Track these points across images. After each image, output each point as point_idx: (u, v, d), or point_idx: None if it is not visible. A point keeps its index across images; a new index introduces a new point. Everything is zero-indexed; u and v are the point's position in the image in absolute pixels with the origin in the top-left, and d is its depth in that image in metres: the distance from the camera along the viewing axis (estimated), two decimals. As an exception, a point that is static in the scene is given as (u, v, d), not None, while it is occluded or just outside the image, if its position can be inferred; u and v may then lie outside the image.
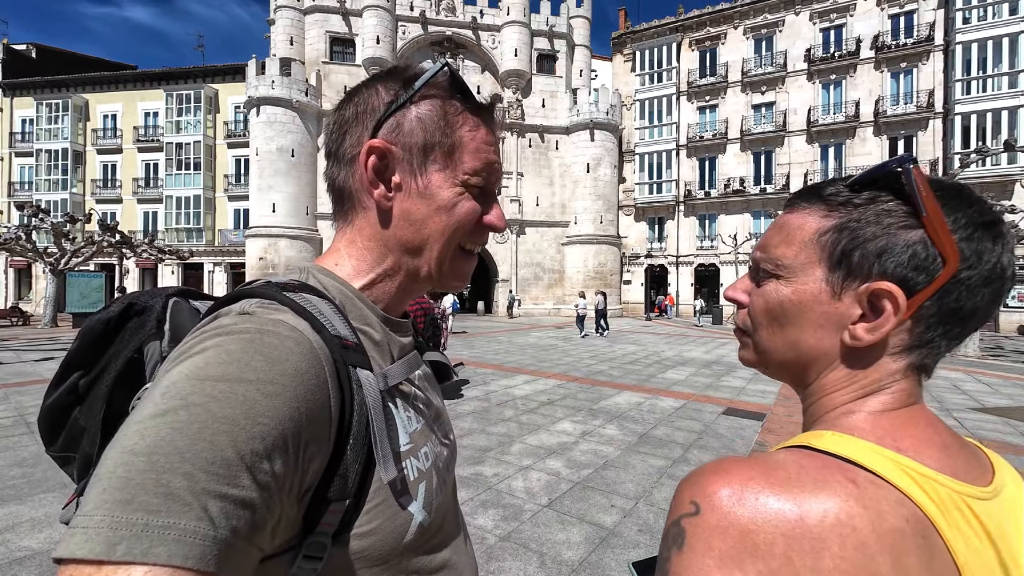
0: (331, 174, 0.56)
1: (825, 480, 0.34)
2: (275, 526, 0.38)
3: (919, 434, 0.39)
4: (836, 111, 23.46)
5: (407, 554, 0.50)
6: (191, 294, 0.57)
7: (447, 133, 0.53)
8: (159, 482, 0.31)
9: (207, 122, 27.51)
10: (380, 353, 0.53)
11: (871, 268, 0.39)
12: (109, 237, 17.54)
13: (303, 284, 0.50)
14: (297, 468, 0.39)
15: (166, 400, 0.35)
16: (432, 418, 0.59)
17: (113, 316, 0.51)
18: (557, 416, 5.84)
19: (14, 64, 30.00)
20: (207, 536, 0.32)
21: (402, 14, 24.42)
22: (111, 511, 0.30)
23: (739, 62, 25.33)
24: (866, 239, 0.39)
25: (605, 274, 25.48)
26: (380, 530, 0.46)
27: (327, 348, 0.44)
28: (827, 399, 0.43)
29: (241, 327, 0.41)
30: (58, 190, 28.04)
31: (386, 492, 0.47)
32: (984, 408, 6.63)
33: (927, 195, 0.38)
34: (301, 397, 0.39)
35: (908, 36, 22.23)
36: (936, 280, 0.37)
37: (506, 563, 2.68)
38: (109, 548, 0.29)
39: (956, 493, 0.36)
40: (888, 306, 0.38)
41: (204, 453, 0.33)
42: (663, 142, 26.51)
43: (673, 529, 0.36)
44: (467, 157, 0.54)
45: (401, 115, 0.52)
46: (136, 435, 0.33)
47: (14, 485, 3.67)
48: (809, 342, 0.43)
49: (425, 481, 0.53)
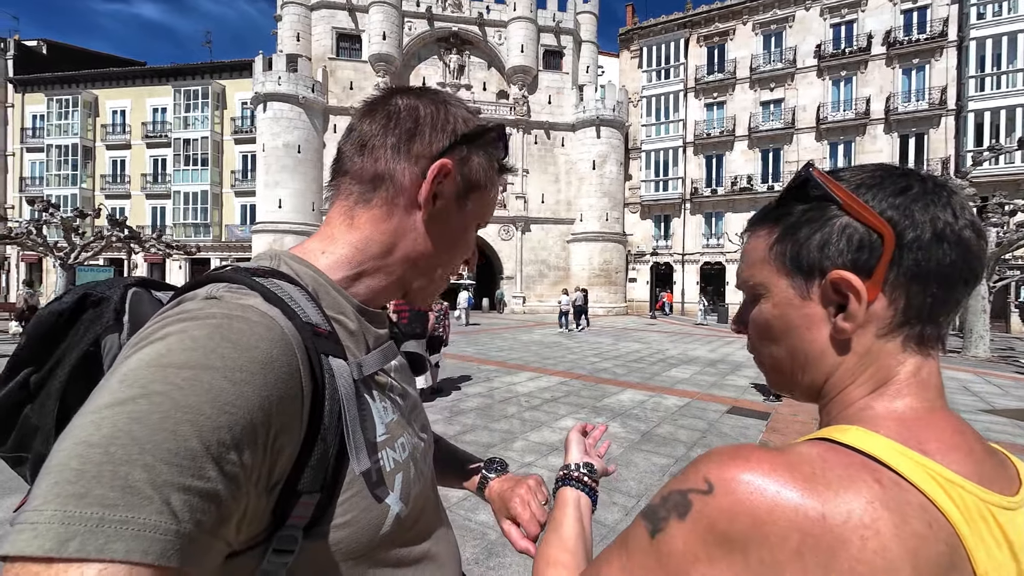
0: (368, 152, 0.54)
1: (851, 478, 0.34)
2: (240, 520, 0.37)
3: (946, 438, 0.38)
4: (846, 108, 23.16)
5: (384, 546, 0.49)
6: (152, 284, 0.54)
7: (491, 183, 0.59)
8: (116, 474, 0.30)
9: (214, 118, 27.67)
10: (355, 342, 0.51)
11: (822, 262, 0.41)
12: (118, 232, 17.69)
13: (273, 270, 0.48)
14: (266, 459, 0.37)
15: (124, 388, 0.33)
16: (408, 409, 0.58)
17: (66, 308, 0.49)
18: (560, 413, 5.82)
19: (25, 60, 30.30)
20: (169, 530, 0.30)
21: (408, 10, 24.37)
22: (63, 505, 0.28)
23: (747, 58, 25.05)
24: (804, 238, 0.42)
25: (610, 272, 25.39)
26: (355, 522, 0.45)
27: (299, 335, 0.42)
28: (842, 395, 0.43)
29: (207, 312, 0.39)
30: (68, 185, 28.35)
31: (360, 483, 0.46)
32: (994, 410, 6.54)
33: (834, 185, 0.41)
34: (271, 385, 0.37)
35: (921, 32, 21.86)
36: (883, 252, 0.39)
37: (506, 559, 2.67)
38: (60, 544, 0.28)
39: (982, 501, 0.35)
40: (850, 291, 0.40)
41: (166, 444, 0.31)
42: (670, 139, 26.32)
43: (679, 496, 0.36)
44: (488, 208, 0.61)
45: (472, 150, 0.56)
46: (91, 425, 0.31)
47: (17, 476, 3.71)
48: (803, 346, 0.44)
49: (402, 472, 0.52)
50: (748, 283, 0.48)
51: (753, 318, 0.48)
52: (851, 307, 0.40)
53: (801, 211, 0.43)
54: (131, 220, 22.55)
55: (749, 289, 0.48)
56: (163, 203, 28.51)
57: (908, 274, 0.39)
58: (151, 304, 0.51)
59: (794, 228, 0.43)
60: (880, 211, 0.40)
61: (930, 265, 0.39)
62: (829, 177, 0.42)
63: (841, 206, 0.41)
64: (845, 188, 0.41)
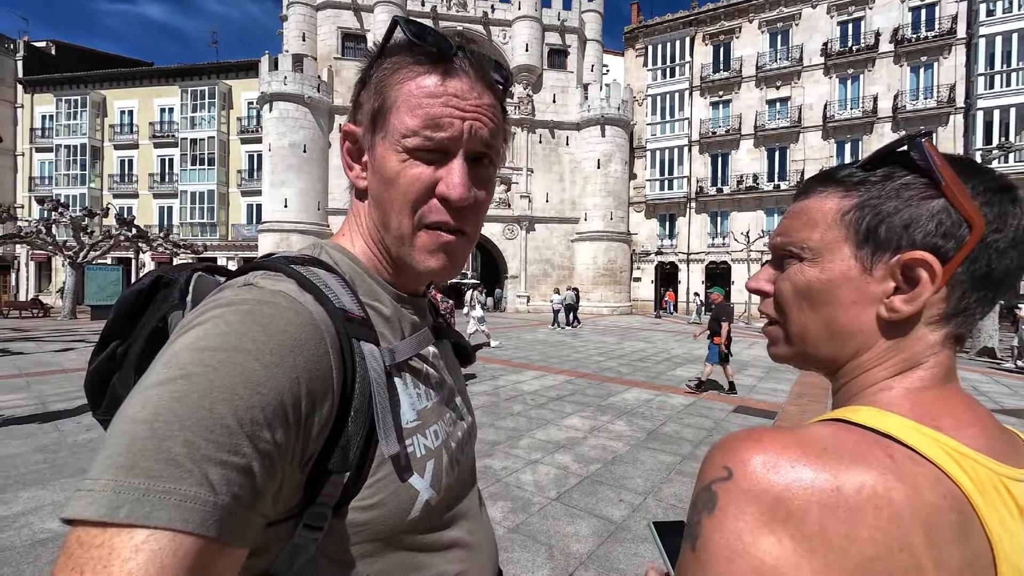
0: None
1: (862, 453, 0.34)
2: (277, 493, 0.38)
3: (959, 414, 0.38)
4: (853, 106, 22.99)
5: (413, 530, 0.49)
6: (215, 269, 0.58)
7: (382, 93, 0.49)
8: (160, 448, 0.32)
9: (221, 118, 27.82)
10: (390, 329, 0.53)
11: (900, 240, 0.39)
12: (126, 231, 17.87)
13: (313, 259, 0.51)
14: (298, 437, 0.39)
15: (167, 370, 0.36)
16: (446, 397, 0.59)
17: (144, 287, 0.53)
18: (566, 411, 5.84)
19: (34, 61, 30.58)
20: (207, 502, 0.32)
21: (413, 9, 24.39)
22: (115, 475, 0.31)
23: (754, 56, 24.91)
24: (890, 213, 0.40)
25: (615, 271, 25.34)
26: (383, 504, 0.46)
27: (330, 320, 0.44)
28: (865, 376, 0.42)
29: (241, 298, 0.41)
30: (77, 185, 28.61)
31: (389, 467, 0.47)
32: (1003, 409, 6.50)
33: (943, 164, 0.38)
34: (300, 367, 0.39)
35: (929, 29, 21.66)
36: (965, 245, 0.38)
37: (515, 554, 2.69)
38: (112, 511, 0.30)
39: (995, 473, 0.35)
40: (924, 275, 0.38)
41: (204, 421, 0.33)
42: (675, 138, 26.22)
43: (704, 494, 0.36)
44: (404, 115, 0.48)
45: (363, 91, 0.52)
46: (138, 404, 0.34)
47: (37, 470, 3.78)
48: (842, 320, 0.42)
49: (434, 459, 0.52)
50: (798, 243, 0.45)
51: (791, 279, 0.45)
52: (918, 290, 0.39)
53: (891, 183, 0.40)
54: (139, 219, 22.76)
55: (795, 249, 0.45)
56: (170, 202, 28.70)
57: (977, 272, 0.38)
58: (214, 285, 0.55)
59: (880, 199, 0.40)
60: (979, 204, 0.38)
61: (999, 268, 0.38)
62: (940, 154, 0.39)
63: (941, 187, 0.38)
64: (952, 170, 0.39)
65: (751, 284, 0.50)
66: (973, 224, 0.37)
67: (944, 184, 0.38)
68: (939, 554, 0.32)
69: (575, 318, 18.05)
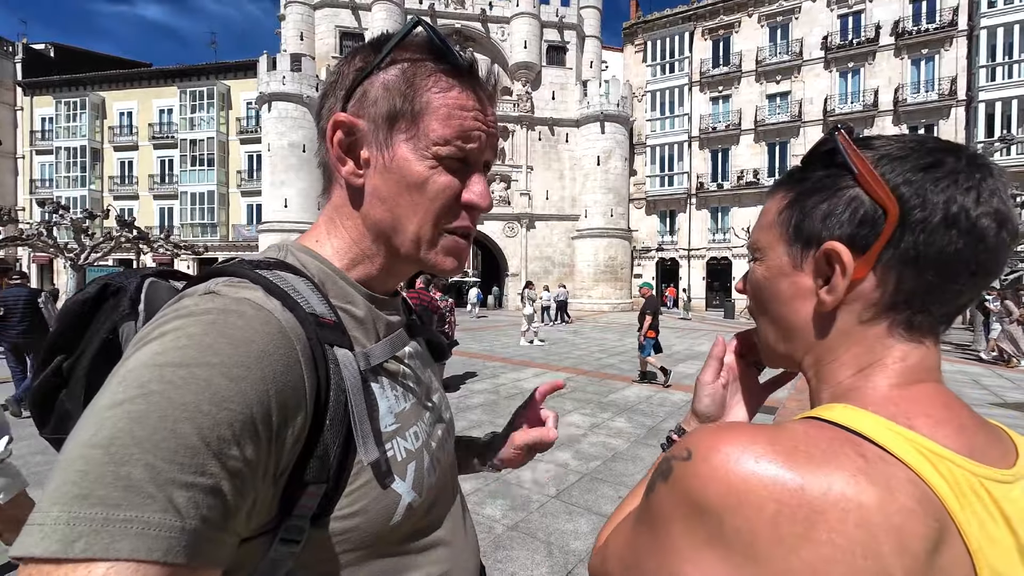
0: (318, 149, 0.54)
1: (834, 452, 0.33)
2: (250, 510, 0.37)
3: (935, 412, 0.37)
4: (854, 100, 22.86)
5: (396, 534, 0.49)
6: (170, 274, 0.56)
7: (411, 97, 0.48)
8: (118, 474, 0.30)
9: (220, 118, 27.80)
10: (363, 331, 0.51)
11: (820, 233, 0.40)
12: (127, 233, 17.88)
13: (279, 262, 0.49)
14: (271, 452, 0.37)
15: (123, 389, 0.33)
16: (423, 397, 0.58)
17: (89, 297, 0.50)
18: (566, 408, 5.84)
19: (33, 64, 30.57)
20: (174, 528, 0.30)
21: (411, 7, 24.32)
22: (68, 506, 0.29)
23: (753, 51, 24.78)
24: (812, 207, 0.41)
25: (615, 268, 25.30)
26: (365, 511, 0.45)
27: (300, 327, 0.42)
28: (825, 372, 0.43)
29: (203, 307, 0.39)
30: (77, 187, 28.62)
31: (369, 473, 0.45)
32: (1004, 403, 6.48)
33: (853, 153, 0.39)
34: (270, 379, 0.37)
35: (930, 21, 21.49)
36: (884, 230, 0.37)
37: (513, 552, 2.69)
38: (66, 545, 0.28)
39: (973, 475, 0.34)
40: (836, 264, 0.39)
41: (166, 443, 0.31)
42: (675, 134, 26.12)
43: (663, 464, 0.38)
44: (436, 124, 0.48)
45: (368, 83, 0.49)
46: (92, 427, 0.32)
47: (37, 472, 3.79)
48: (788, 317, 0.44)
49: (415, 461, 0.51)
50: (752, 244, 0.48)
51: (749, 279, 0.48)
52: (833, 280, 0.39)
53: (817, 177, 0.41)
54: (139, 221, 22.74)
55: (752, 250, 0.48)
56: (170, 203, 28.70)
57: (904, 257, 0.37)
58: (168, 292, 0.53)
59: (805, 195, 0.42)
60: (894, 186, 0.37)
61: (930, 251, 0.37)
62: (852, 144, 0.40)
63: (855, 176, 0.39)
64: (865, 158, 0.39)
65: (738, 285, 0.53)
66: (887, 208, 0.37)
67: (858, 172, 0.38)
68: (912, 563, 0.30)
69: (559, 315, 18.85)
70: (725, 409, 0.57)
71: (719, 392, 0.57)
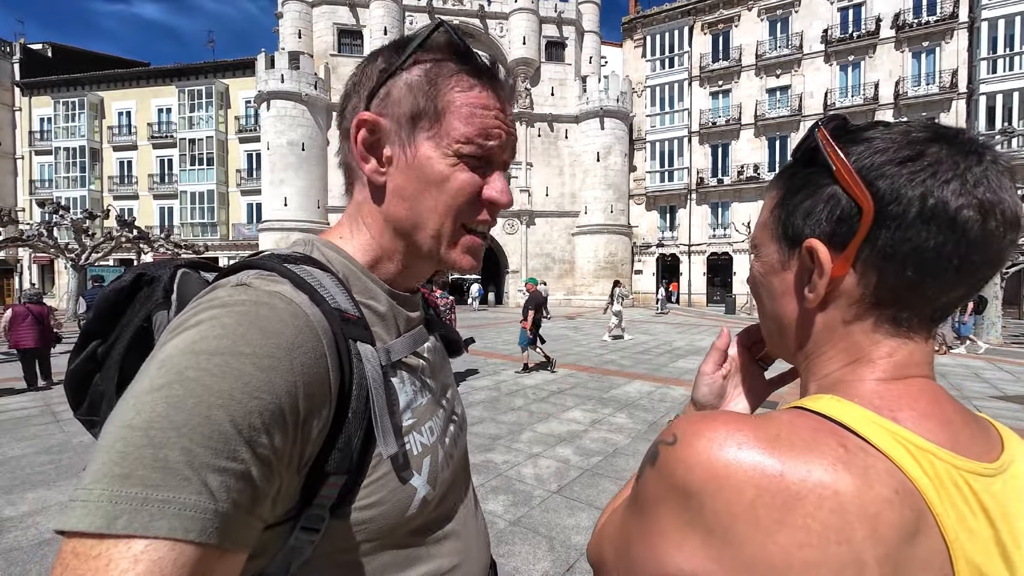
0: (340, 149, 0.55)
1: (815, 441, 0.34)
2: (275, 497, 0.38)
3: (920, 406, 0.38)
4: (854, 94, 22.80)
5: (410, 526, 0.50)
6: (201, 265, 0.57)
7: (434, 97, 0.49)
8: (157, 457, 0.31)
9: (219, 117, 27.76)
10: (385, 327, 0.53)
11: (802, 231, 0.41)
12: (127, 232, 17.90)
13: (306, 257, 0.50)
14: (296, 441, 0.39)
15: (161, 374, 0.35)
16: (439, 392, 0.59)
17: (125, 286, 0.52)
18: (567, 405, 5.86)
19: (31, 64, 30.53)
20: (207, 510, 0.32)
21: (409, 4, 24.24)
22: (110, 485, 0.30)
23: (753, 45, 24.68)
24: (796, 205, 0.41)
25: (616, 264, 25.28)
26: (382, 503, 0.46)
27: (326, 321, 0.43)
28: (813, 366, 0.43)
29: (236, 299, 0.40)
30: (77, 187, 28.63)
31: (387, 466, 0.47)
32: (1005, 396, 6.49)
33: (831, 149, 0.39)
34: (298, 371, 0.39)
35: (931, 13, 21.39)
36: (860, 228, 0.37)
37: (515, 547, 2.71)
38: (109, 522, 0.29)
39: (955, 468, 0.34)
40: (814, 263, 0.39)
41: (201, 428, 0.33)
42: (675, 129, 26.05)
43: (652, 449, 0.39)
44: (458, 122, 0.49)
45: (392, 83, 0.50)
46: (132, 409, 0.33)
47: (43, 471, 3.82)
48: (781, 312, 0.45)
49: (430, 455, 0.53)
50: (751, 240, 0.49)
51: (750, 273, 0.50)
52: (812, 278, 0.40)
53: (802, 175, 0.42)
54: (139, 220, 22.77)
55: (751, 247, 0.49)
56: (170, 203, 28.71)
57: (882, 254, 0.37)
58: (198, 283, 0.54)
59: (791, 192, 0.42)
60: (870, 181, 0.37)
61: (904, 247, 0.36)
62: (831, 140, 0.39)
63: (832, 173, 0.38)
64: (849, 152, 0.38)
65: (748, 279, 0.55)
66: (861, 205, 0.37)
67: (835, 169, 0.38)
68: (885, 551, 0.31)
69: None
70: (724, 400, 0.57)
71: (718, 383, 0.57)
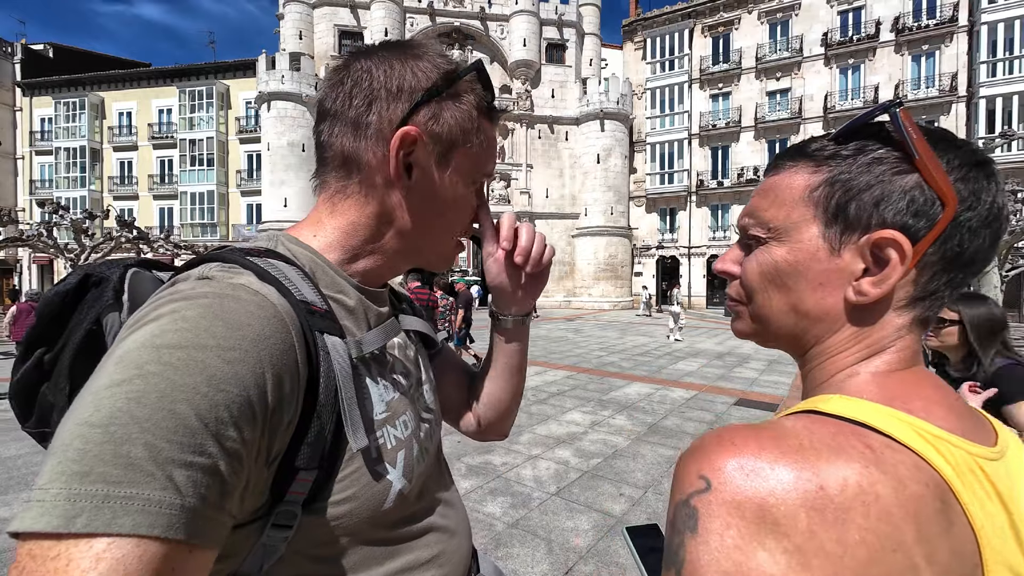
0: (335, 137, 0.51)
1: (840, 446, 0.32)
2: (243, 492, 0.37)
3: (927, 395, 0.37)
4: (854, 96, 22.83)
5: (388, 520, 0.49)
6: (154, 264, 0.55)
7: (477, 136, 0.54)
8: (118, 453, 0.30)
9: (219, 118, 27.76)
10: (354, 321, 0.52)
11: (869, 219, 0.37)
12: (127, 233, 17.88)
13: (269, 250, 0.49)
14: (264, 434, 0.38)
15: (120, 370, 0.33)
16: (413, 386, 0.59)
17: (70, 288, 0.50)
18: (566, 407, 5.83)
19: (32, 64, 30.53)
20: (173, 504, 0.31)
21: (410, 6, 24.28)
22: (68, 483, 0.29)
23: (753, 48, 24.72)
24: (860, 189, 0.37)
25: (616, 266, 25.29)
26: (356, 497, 0.46)
27: (293, 313, 0.42)
28: (831, 362, 0.41)
29: (199, 291, 0.39)
30: (77, 187, 28.60)
31: (360, 460, 0.46)
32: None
33: (918, 137, 0.36)
34: (265, 363, 0.38)
35: (931, 17, 21.42)
36: (938, 224, 0.35)
37: (514, 549, 2.69)
38: (67, 520, 0.28)
39: (969, 455, 0.34)
40: (893, 255, 0.36)
41: (165, 422, 0.32)
42: (675, 131, 26.07)
43: (683, 510, 0.32)
44: (486, 159, 0.56)
45: (437, 106, 0.51)
46: (91, 406, 0.32)
47: (38, 472, 3.79)
48: (808, 303, 0.40)
49: (404, 449, 0.52)
50: (765, 223, 0.42)
51: (758, 260, 0.43)
52: (887, 272, 0.37)
53: (862, 156, 0.38)
54: (139, 221, 22.76)
55: (762, 230, 0.42)
56: (170, 204, 28.68)
57: (948, 253, 0.36)
58: (152, 283, 0.52)
59: (851, 175, 0.38)
60: (953, 180, 0.35)
61: (970, 249, 0.36)
62: (916, 125, 0.36)
63: (915, 161, 0.36)
64: (928, 143, 0.36)
65: (718, 265, 0.47)
66: (946, 202, 0.35)
67: (918, 158, 0.36)
68: (929, 548, 0.30)
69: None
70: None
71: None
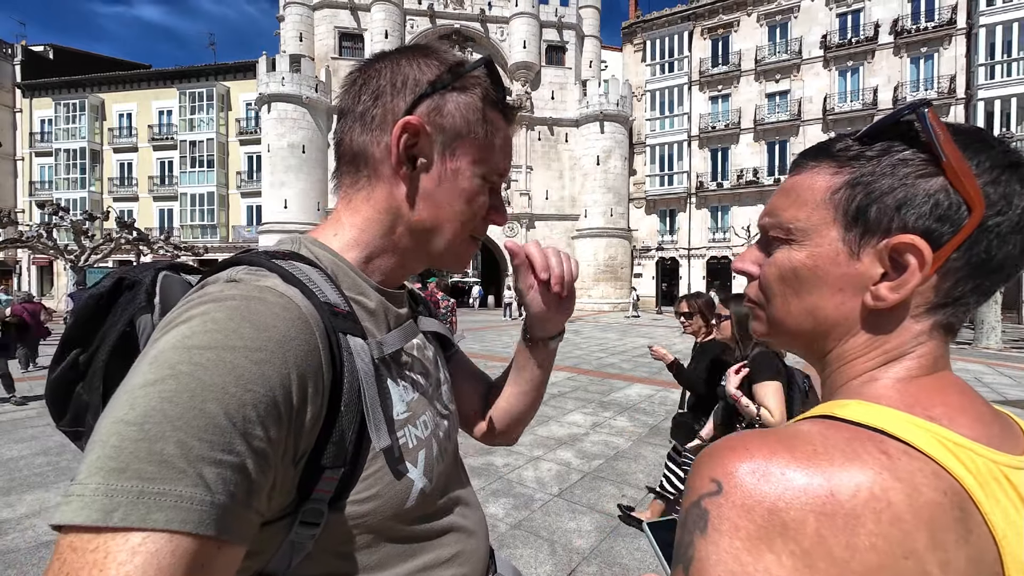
0: (346, 134, 0.54)
1: (855, 452, 0.32)
2: (271, 490, 0.38)
3: (951, 401, 0.36)
4: (853, 99, 22.86)
5: (410, 519, 0.50)
6: (183, 268, 0.56)
7: (487, 130, 0.54)
8: (152, 450, 0.31)
9: (220, 120, 27.78)
10: (375, 322, 0.53)
11: (891, 223, 0.36)
12: (127, 234, 17.89)
13: (293, 253, 0.50)
14: (290, 433, 0.39)
15: (154, 370, 0.35)
16: (432, 387, 0.60)
17: (104, 291, 0.51)
18: (568, 408, 5.84)
19: (32, 65, 30.56)
20: (204, 501, 0.32)
21: (410, 8, 24.34)
22: (106, 479, 0.30)
23: (752, 50, 24.78)
24: (883, 192, 0.36)
25: (615, 267, 25.31)
26: (380, 496, 0.46)
27: (317, 314, 0.43)
28: (848, 367, 0.40)
29: (227, 294, 0.41)
30: (77, 189, 28.59)
31: (382, 460, 0.47)
32: (1006, 401, 6.48)
33: (945, 139, 0.34)
34: (291, 363, 0.39)
35: (929, 19, 21.49)
36: (963, 229, 0.34)
37: (517, 550, 2.69)
38: (105, 515, 0.29)
39: (993, 463, 0.33)
40: (912, 261, 0.35)
41: (196, 421, 0.33)
42: (674, 133, 26.12)
43: (694, 511, 0.33)
44: (500, 157, 0.56)
45: (441, 98, 0.52)
46: (126, 405, 0.33)
47: (41, 473, 3.80)
48: (827, 308, 0.39)
49: (425, 449, 0.53)
50: (785, 224, 0.41)
51: (777, 263, 0.42)
52: (905, 277, 0.35)
53: (887, 158, 0.37)
54: (139, 222, 22.78)
55: (782, 231, 0.41)
56: (170, 205, 28.67)
57: (974, 259, 0.35)
58: (181, 285, 0.53)
59: (873, 177, 0.37)
60: (983, 183, 0.34)
61: (998, 255, 0.35)
62: (944, 126, 0.35)
63: (941, 164, 0.34)
64: (957, 145, 0.34)
65: (736, 264, 0.47)
66: (973, 207, 0.34)
67: (945, 160, 0.34)
68: (944, 556, 0.29)
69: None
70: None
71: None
